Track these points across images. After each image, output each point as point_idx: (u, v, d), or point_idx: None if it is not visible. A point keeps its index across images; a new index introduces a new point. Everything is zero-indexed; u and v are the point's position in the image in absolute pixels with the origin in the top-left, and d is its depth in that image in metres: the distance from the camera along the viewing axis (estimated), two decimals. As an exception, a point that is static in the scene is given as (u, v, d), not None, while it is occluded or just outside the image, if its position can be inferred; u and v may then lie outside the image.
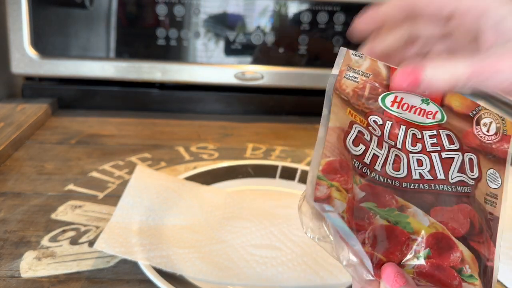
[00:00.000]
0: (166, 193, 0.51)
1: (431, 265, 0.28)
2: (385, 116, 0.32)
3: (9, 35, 0.76)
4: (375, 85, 0.32)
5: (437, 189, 0.30)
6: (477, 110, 0.33)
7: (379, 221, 0.28)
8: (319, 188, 0.28)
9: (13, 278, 0.40)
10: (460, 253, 0.28)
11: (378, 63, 0.33)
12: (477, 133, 0.33)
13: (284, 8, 0.78)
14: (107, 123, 0.78)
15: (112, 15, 0.77)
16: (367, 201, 0.29)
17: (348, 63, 0.33)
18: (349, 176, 0.29)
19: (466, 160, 0.31)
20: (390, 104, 0.32)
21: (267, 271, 0.42)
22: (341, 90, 0.32)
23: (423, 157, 0.31)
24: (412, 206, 0.29)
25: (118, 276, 0.41)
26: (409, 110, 0.32)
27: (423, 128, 0.32)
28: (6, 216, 0.50)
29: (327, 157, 0.29)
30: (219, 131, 0.77)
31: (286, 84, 0.81)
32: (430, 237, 0.28)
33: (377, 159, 0.31)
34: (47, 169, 0.61)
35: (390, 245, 0.28)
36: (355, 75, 0.32)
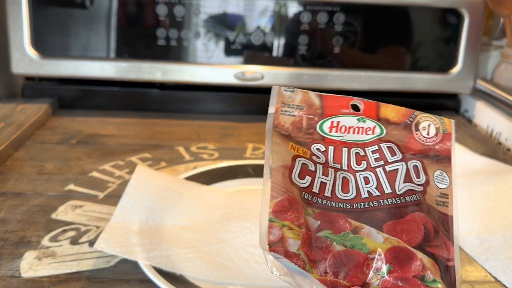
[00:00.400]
0: (166, 193, 0.52)
1: (394, 279, 0.28)
2: (326, 142, 0.33)
3: (9, 35, 0.76)
4: (311, 115, 0.33)
5: (386, 204, 0.31)
6: (413, 116, 0.34)
7: (336, 247, 0.29)
8: (271, 231, 0.29)
9: (14, 278, 0.40)
10: (419, 261, 0.29)
11: (310, 94, 0.34)
12: (418, 138, 0.33)
13: (284, 8, 0.78)
14: (107, 123, 0.78)
15: (112, 15, 0.77)
16: (323, 230, 0.30)
17: (282, 100, 0.34)
18: (299, 211, 0.30)
19: (411, 168, 0.32)
20: (328, 130, 0.33)
21: (267, 271, 0.42)
22: (281, 126, 0.33)
23: (369, 174, 0.32)
24: (365, 226, 0.30)
25: (118, 276, 0.41)
26: (347, 131, 0.33)
27: (364, 145, 0.33)
28: (6, 216, 0.50)
29: (275, 198, 0.30)
30: (219, 131, 0.77)
31: (286, 84, 0.81)
32: (387, 252, 0.29)
33: (325, 186, 0.32)
34: (47, 169, 0.61)
35: (351, 269, 0.28)
36: (291, 110, 0.34)
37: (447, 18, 0.81)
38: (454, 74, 0.83)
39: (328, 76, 0.81)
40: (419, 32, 0.82)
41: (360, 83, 0.82)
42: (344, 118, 0.33)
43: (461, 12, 0.80)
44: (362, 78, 0.81)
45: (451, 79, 0.83)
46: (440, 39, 0.82)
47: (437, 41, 0.82)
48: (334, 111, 0.34)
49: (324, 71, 0.81)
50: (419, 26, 0.81)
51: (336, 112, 0.34)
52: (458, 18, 0.80)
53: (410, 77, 0.82)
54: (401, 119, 0.34)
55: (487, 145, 0.74)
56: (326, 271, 0.28)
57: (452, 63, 0.83)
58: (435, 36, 0.82)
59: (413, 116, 0.34)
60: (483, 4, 0.79)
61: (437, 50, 0.82)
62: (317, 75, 0.81)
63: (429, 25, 0.81)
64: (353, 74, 0.81)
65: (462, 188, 0.56)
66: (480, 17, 0.80)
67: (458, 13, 0.80)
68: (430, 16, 0.81)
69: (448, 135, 0.33)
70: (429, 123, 0.34)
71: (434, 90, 0.84)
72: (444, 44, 0.82)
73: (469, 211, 0.52)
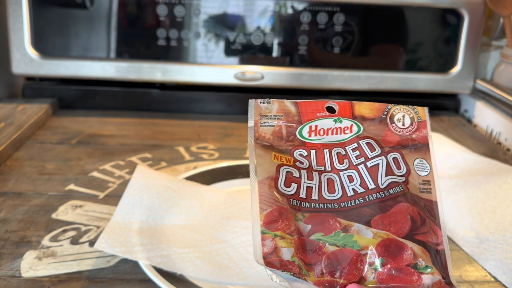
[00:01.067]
0: (167, 193, 0.52)
1: (389, 270, 0.29)
2: (308, 147, 0.34)
3: (9, 35, 0.76)
4: (289, 123, 0.35)
5: (371, 199, 0.32)
6: (387, 110, 0.35)
7: (329, 248, 0.30)
8: (264, 243, 0.29)
9: (14, 278, 0.41)
10: (410, 250, 0.30)
11: (285, 102, 0.35)
12: (394, 130, 0.34)
13: (284, 9, 0.78)
14: (107, 123, 0.78)
15: (113, 16, 0.77)
16: (314, 233, 0.31)
17: (259, 112, 0.35)
18: (289, 219, 0.31)
19: (391, 161, 0.33)
20: (307, 134, 0.34)
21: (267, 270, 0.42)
22: (262, 138, 0.34)
23: (352, 172, 0.33)
24: (354, 223, 0.31)
25: (119, 276, 0.42)
26: (326, 133, 0.34)
27: (344, 145, 0.34)
28: (6, 216, 0.50)
29: (264, 210, 0.31)
30: (219, 131, 0.77)
31: (286, 84, 0.81)
32: (378, 246, 0.30)
33: (311, 190, 0.32)
34: (48, 169, 0.61)
35: (346, 267, 0.29)
36: (269, 121, 0.35)
37: (447, 18, 0.81)
38: (454, 74, 0.83)
39: (328, 76, 0.81)
40: (419, 32, 0.82)
41: (359, 83, 0.82)
42: (321, 121, 0.34)
43: (461, 12, 0.80)
44: (362, 78, 0.82)
45: (451, 79, 0.83)
46: (440, 39, 0.82)
47: (437, 41, 0.82)
48: (310, 116, 0.35)
49: (324, 71, 0.81)
50: (419, 26, 0.81)
51: (312, 117, 0.35)
52: (458, 18, 0.80)
53: (409, 77, 0.82)
54: (376, 114, 0.35)
55: (487, 145, 0.74)
56: (322, 272, 0.29)
57: (452, 63, 0.83)
58: (435, 36, 0.82)
59: (387, 109, 0.35)
60: (482, 4, 0.80)
61: (437, 50, 0.82)
62: (316, 75, 0.81)
63: (429, 25, 0.81)
64: (352, 74, 0.81)
65: (462, 188, 0.56)
66: (480, 17, 0.80)
67: (458, 13, 0.80)
68: (430, 16, 0.81)
69: (423, 122, 0.35)
70: (403, 114, 0.35)
71: (433, 90, 0.84)
72: (444, 44, 0.82)
73: (469, 211, 0.52)
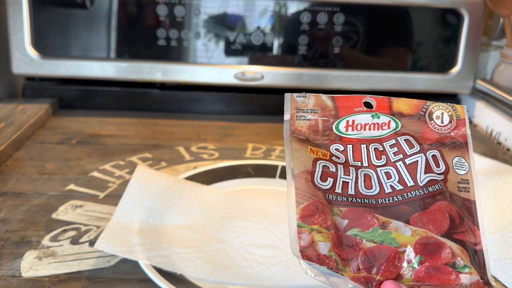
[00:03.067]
0: (167, 193, 0.52)
1: (426, 269, 0.29)
2: (344, 142, 0.34)
3: (10, 36, 0.76)
4: (325, 117, 0.34)
5: (410, 197, 0.32)
6: (426, 107, 0.35)
7: (367, 244, 0.30)
8: (301, 236, 0.29)
9: (14, 278, 0.41)
10: (449, 249, 0.30)
11: (322, 97, 0.35)
12: (433, 128, 0.34)
13: (284, 9, 0.78)
14: (107, 123, 0.78)
15: (113, 16, 0.77)
16: (351, 228, 0.30)
17: (296, 106, 0.35)
18: (326, 213, 0.30)
19: (430, 158, 0.33)
20: (344, 129, 0.34)
21: (267, 270, 0.42)
22: (298, 132, 0.34)
23: (390, 169, 0.33)
24: (392, 220, 0.31)
25: (119, 276, 0.42)
26: (363, 128, 0.34)
27: (382, 140, 0.34)
28: (7, 216, 0.50)
29: (301, 203, 0.30)
30: (219, 131, 0.77)
31: (286, 84, 0.81)
32: (417, 244, 0.30)
33: (347, 185, 0.32)
34: (48, 169, 0.61)
35: (383, 264, 0.29)
36: (305, 114, 0.35)
37: (447, 18, 0.81)
38: (454, 74, 0.83)
39: (328, 76, 0.81)
40: (419, 32, 0.82)
41: (360, 83, 0.82)
42: (358, 116, 0.34)
43: (460, 12, 0.80)
44: (362, 78, 0.82)
45: (450, 79, 0.83)
46: (440, 39, 0.82)
47: (437, 41, 0.82)
48: (348, 110, 0.34)
49: (324, 71, 0.81)
50: (419, 26, 0.81)
51: (350, 111, 0.34)
52: (458, 18, 0.80)
53: (410, 77, 0.82)
54: (414, 110, 0.35)
55: (487, 145, 0.74)
56: (359, 268, 0.29)
57: (451, 63, 0.83)
58: (435, 36, 0.82)
59: (426, 106, 0.35)
60: (482, 5, 0.80)
61: (437, 50, 0.82)
62: (317, 75, 0.81)
63: (429, 25, 0.81)
64: (353, 74, 0.81)
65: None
66: (480, 17, 0.80)
67: (458, 13, 0.80)
68: (430, 17, 0.81)
69: (462, 121, 0.34)
70: (442, 111, 0.35)
71: (433, 90, 0.84)
72: (443, 44, 0.82)
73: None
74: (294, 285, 0.41)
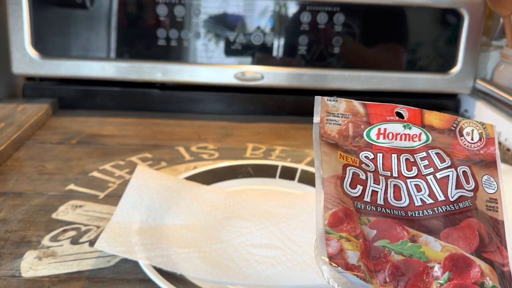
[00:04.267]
0: (167, 193, 0.52)
1: (454, 286, 0.28)
2: (375, 149, 0.33)
3: (10, 36, 0.76)
4: (357, 123, 0.34)
5: (440, 211, 0.31)
6: (456, 123, 0.34)
7: (395, 257, 0.29)
8: (329, 243, 0.28)
9: (14, 278, 0.41)
10: (478, 268, 0.29)
11: (353, 102, 0.34)
12: (463, 144, 0.34)
13: (284, 9, 0.78)
14: (107, 123, 0.78)
15: (113, 16, 0.77)
16: (380, 239, 0.30)
17: (326, 109, 0.34)
18: (355, 222, 0.29)
19: (460, 174, 0.32)
20: (375, 137, 0.33)
21: (267, 270, 0.42)
22: (327, 135, 0.34)
23: (420, 182, 0.32)
24: (422, 234, 0.30)
25: (119, 276, 0.42)
26: (394, 138, 0.33)
27: (413, 152, 0.33)
28: (6, 216, 0.50)
29: (330, 209, 0.30)
30: (219, 131, 0.77)
31: (286, 84, 0.81)
32: (446, 260, 0.29)
33: (377, 194, 0.31)
34: (48, 169, 0.61)
35: (411, 278, 0.28)
36: (336, 119, 0.34)
37: (446, 18, 0.81)
38: (454, 74, 0.83)
39: (328, 76, 0.81)
40: (419, 32, 0.82)
41: (360, 83, 0.82)
42: (390, 125, 0.34)
43: (460, 12, 0.80)
44: (362, 78, 0.82)
45: (450, 79, 0.83)
46: (440, 39, 0.82)
47: (437, 41, 0.82)
48: (379, 118, 0.34)
49: (324, 71, 0.81)
50: (419, 26, 0.81)
51: (381, 120, 0.34)
52: (457, 18, 0.80)
53: (409, 77, 0.82)
54: (445, 125, 0.34)
55: (487, 145, 0.74)
56: (385, 281, 0.28)
57: (451, 63, 0.83)
58: (435, 36, 0.82)
59: (457, 122, 0.34)
60: (482, 4, 0.80)
61: (436, 50, 0.82)
62: (317, 75, 0.81)
63: (429, 25, 0.81)
64: (352, 74, 0.81)
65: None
66: (480, 17, 0.80)
67: (458, 13, 0.80)
68: (430, 16, 0.81)
69: (491, 140, 0.34)
70: (472, 128, 0.34)
71: (433, 90, 0.84)
72: (443, 44, 0.82)
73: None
74: (294, 285, 0.41)
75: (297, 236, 0.46)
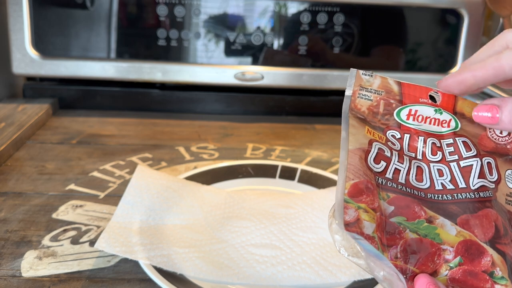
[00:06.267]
0: (167, 192, 0.52)
1: (463, 272, 0.28)
2: (402, 130, 0.33)
3: (10, 36, 0.76)
4: (388, 101, 0.33)
5: (460, 198, 0.31)
6: None
7: (409, 235, 0.29)
8: (347, 212, 0.28)
9: (14, 278, 0.41)
10: (490, 257, 0.29)
11: (389, 79, 0.34)
12: (491, 136, 0.33)
13: (284, 9, 0.79)
14: (107, 123, 0.78)
15: (113, 16, 0.77)
16: (396, 216, 0.30)
17: (360, 83, 0.34)
18: (374, 195, 0.30)
19: (484, 165, 0.32)
20: (405, 117, 0.33)
21: (267, 270, 0.42)
22: (357, 109, 0.33)
23: (443, 167, 0.32)
24: (439, 216, 0.30)
25: (119, 276, 0.42)
26: (424, 121, 0.33)
27: (440, 137, 0.33)
28: (7, 215, 0.50)
29: (351, 179, 0.30)
30: (219, 131, 0.77)
31: (286, 84, 0.81)
32: (459, 245, 0.29)
33: (399, 172, 0.31)
34: (48, 169, 0.61)
35: (422, 257, 0.29)
36: (368, 94, 0.33)
37: (446, 18, 0.81)
38: (454, 74, 0.83)
39: (328, 76, 0.81)
40: (419, 32, 0.82)
41: (360, 83, 0.82)
42: (421, 107, 0.33)
43: (460, 13, 0.80)
44: (362, 78, 0.82)
45: (450, 79, 0.83)
46: (440, 39, 0.82)
47: (437, 42, 0.82)
48: (412, 99, 0.34)
49: (324, 71, 0.81)
50: (418, 27, 0.81)
51: (414, 101, 0.33)
52: (457, 19, 0.81)
53: (409, 77, 0.82)
54: None
55: (487, 145, 0.74)
56: (397, 256, 0.28)
57: (451, 63, 0.83)
58: (435, 36, 0.82)
59: None
60: (482, 5, 0.80)
61: (436, 51, 0.83)
62: (316, 75, 0.81)
63: (429, 26, 0.82)
64: (353, 74, 0.81)
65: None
66: (480, 17, 0.80)
67: (458, 13, 0.80)
68: (430, 17, 0.81)
69: None
70: None
71: (433, 90, 0.84)
72: (443, 45, 0.82)
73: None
74: (294, 285, 0.41)
75: (297, 236, 0.47)
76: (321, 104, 0.86)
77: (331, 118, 0.84)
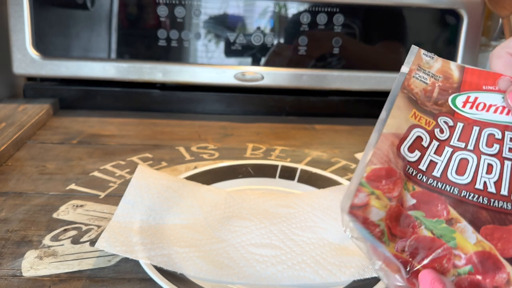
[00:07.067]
0: (167, 192, 0.52)
1: (471, 282, 0.27)
2: (456, 118, 0.31)
3: (10, 36, 0.76)
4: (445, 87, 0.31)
5: (495, 206, 0.29)
6: None
7: (423, 231, 0.28)
8: (358, 194, 0.28)
9: (15, 277, 0.41)
10: (507, 275, 0.27)
11: (451, 64, 0.32)
12: None
13: (284, 9, 0.79)
14: (108, 123, 0.78)
15: (113, 16, 0.77)
16: (416, 210, 0.28)
17: (418, 63, 0.32)
18: (395, 184, 0.28)
19: None
20: (461, 105, 0.31)
21: (267, 270, 0.42)
22: (409, 89, 0.31)
23: (495, 163, 0.29)
24: (463, 221, 0.28)
25: (119, 275, 0.42)
26: (486, 109, 0.31)
27: (505, 128, 0.30)
28: (7, 215, 0.50)
29: (374, 164, 0.29)
30: (220, 131, 0.77)
31: (286, 85, 0.81)
32: (475, 255, 0.27)
33: (434, 165, 0.30)
34: (49, 169, 0.61)
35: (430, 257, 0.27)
36: (425, 76, 0.32)
37: (445, 18, 0.81)
38: (454, 75, 0.83)
39: (328, 77, 0.81)
40: (418, 33, 0.82)
41: (359, 83, 0.82)
42: (485, 95, 0.31)
43: (459, 13, 0.80)
44: (362, 78, 0.82)
45: (450, 79, 0.83)
46: (439, 39, 0.82)
47: (436, 42, 0.82)
48: (473, 86, 0.31)
49: (324, 72, 0.81)
50: (418, 27, 0.82)
51: (475, 88, 0.31)
52: (457, 19, 0.81)
53: (409, 78, 0.82)
54: None
55: (486, 145, 0.74)
56: (403, 249, 0.27)
57: (451, 63, 0.83)
58: (434, 36, 0.82)
59: None
60: (481, 5, 0.80)
61: (436, 51, 0.82)
62: (316, 75, 0.81)
63: (428, 26, 0.82)
64: (352, 74, 0.82)
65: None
66: (479, 17, 0.81)
67: (457, 13, 0.80)
68: (429, 17, 0.81)
69: None
70: None
71: (433, 91, 0.84)
72: (443, 45, 0.82)
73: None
74: (294, 285, 0.41)
75: (297, 235, 0.47)
76: (321, 104, 0.86)
77: (331, 118, 0.84)
